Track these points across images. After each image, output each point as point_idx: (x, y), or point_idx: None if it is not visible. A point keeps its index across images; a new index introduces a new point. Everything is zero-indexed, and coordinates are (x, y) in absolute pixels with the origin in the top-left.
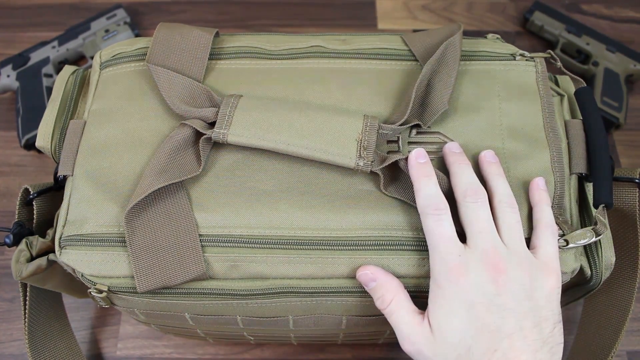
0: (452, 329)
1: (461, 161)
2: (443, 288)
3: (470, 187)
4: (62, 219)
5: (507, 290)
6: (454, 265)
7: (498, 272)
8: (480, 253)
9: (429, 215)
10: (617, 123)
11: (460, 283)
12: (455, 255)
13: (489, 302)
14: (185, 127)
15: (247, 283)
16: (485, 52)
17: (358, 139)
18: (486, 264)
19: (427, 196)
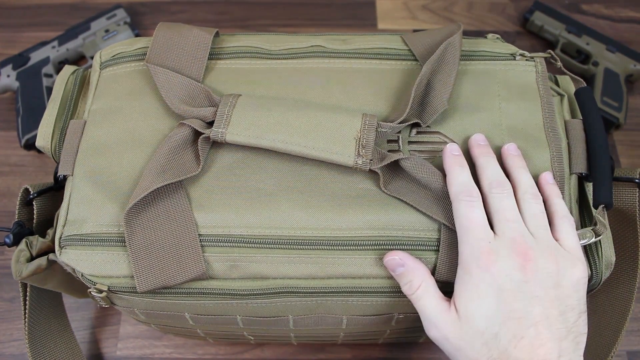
0: (480, 315)
1: (487, 153)
2: (472, 274)
3: (496, 179)
4: (62, 219)
5: (535, 277)
6: (485, 251)
7: (526, 259)
8: (508, 241)
9: (462, 201)
10: (617, 123)
11: (490, 269)
12: (485, 242)
13: (517, 289)
14: (184, 127)
15: (247, 283)
16: (485, 52)
17: (357, 137)
18: (515, 251)
19: (461, 183)
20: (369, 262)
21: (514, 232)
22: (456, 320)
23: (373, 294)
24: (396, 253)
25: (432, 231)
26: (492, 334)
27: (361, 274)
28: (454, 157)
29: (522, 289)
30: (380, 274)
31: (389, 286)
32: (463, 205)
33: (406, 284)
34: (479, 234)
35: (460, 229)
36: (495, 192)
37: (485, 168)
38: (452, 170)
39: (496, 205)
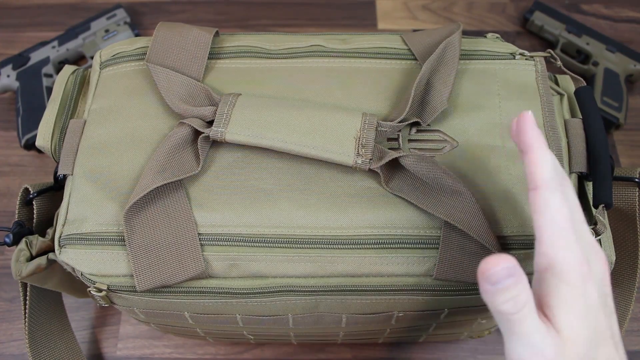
0: (584, 336)
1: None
2: (573, 285)
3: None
4: (62, 218)
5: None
6: (583, 259)
7: (590, 283)
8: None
9: (557, 191)
10: (617, 123)
11: (587, 281)
12: (581, 255)
13: (604, 304)
14: (184, 126)
15: (247, 282)
16: (485, 51)
17: (356, 136)
18: (599, 258)
19: (553, 168)
20: (368, 261)
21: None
22: (559, 343)
23: (373, 293)
24: (502, 260)
25: (433, 229)
26: (590, 359)
27: (361, 272)
28: (537, 130)
29: (606, 302)
30: (380, 272)
31: (388, 284)
32: (558, 197)
33: (509, 300)
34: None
35: (551, 226)
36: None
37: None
38: (537, 148)
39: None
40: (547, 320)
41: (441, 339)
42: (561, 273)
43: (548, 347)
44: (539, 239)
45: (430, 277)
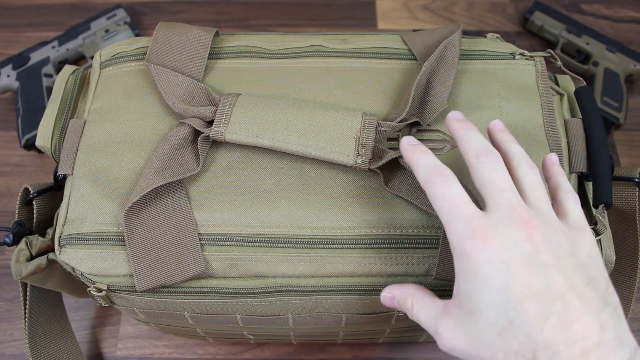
0: (486, 304)
1: (467, 126)
2: (469, 258)
3: (483, 147)
4: (62, 218)
5: (546, 247)
6: (479, 225)
7: (531, 227)
8: (506, 211)
9: (435, 183)
10: (617, 123)
11: (490, 244)
12: (476, 218)
13: (528, 261)
14: (184, 126)
15: (247, 282)
16: (485, 51)
17: (356, 136)
18: (516, 221)
19: (427, 167)
20: (368, 261)
21: (511, 201)
22: (459, 319)
23: (373, 293)
24: (384, 291)
25: (432, 228)
26: (506, 322)
27: (360, 272)
28: (412, 147)
29: (534, 260)
30: (380, 272)
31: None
32: (437, 187)
33: (405, 311)
34: (464, 210)
35: (442, 213)
36: (484, 161)
37: (468, 138)
38: (414, 158)
39: (486, 176)
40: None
41: None
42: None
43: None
44: None
45: (431, 277)
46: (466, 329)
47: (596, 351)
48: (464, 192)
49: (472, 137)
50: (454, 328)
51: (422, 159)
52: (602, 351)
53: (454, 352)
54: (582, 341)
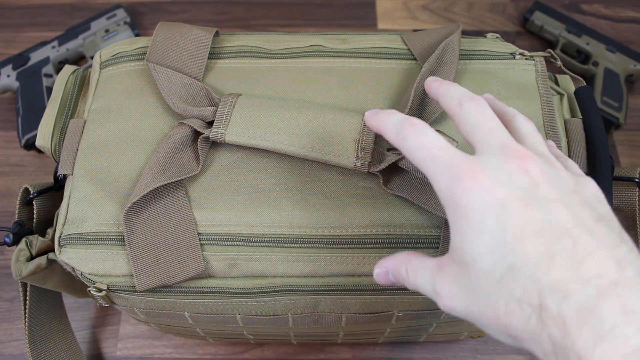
0: (480, 251)
1: (446, 82)
2: (459, 203)
3: (466, 94)
4: (62, 218)
5: (545, 180)
6: (465, 164)
7: (527, 159)
8: (498, 148)
9: (407, 136)
10: (617, 123)
11: (480, 182)
12: (460, 157)
13: (526, 196)
14: (184, 127)
15: (247, 281)
16: (484, 51)
17: (356, 139)
18: (509, 156)
19: (395, 122)
20: (368, 261)
21: (502, 139)
22: (455, 274)
23: (373, 292)
24: (375, 268)
25: (433, 228)
26: (505, 267)
27: (360, 272)
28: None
29: (532, 194)
30: None
31: None
32: (409, 138)
33: (402, 281)
34: (445, 153)
35: (422, 164)
36: (468, 105)
37: (448, 91)
38: (378, 122)
39: (472, 119)
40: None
41: (441, 339)
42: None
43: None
44: None
45: None
46: (462, 283)
47: (614, 290)
48: (441, 137)
49: (453, 88)
50: (450, 284)
51: (388, 118)
52: (621, 290)
53: (455, 312)
54: (596, 279)
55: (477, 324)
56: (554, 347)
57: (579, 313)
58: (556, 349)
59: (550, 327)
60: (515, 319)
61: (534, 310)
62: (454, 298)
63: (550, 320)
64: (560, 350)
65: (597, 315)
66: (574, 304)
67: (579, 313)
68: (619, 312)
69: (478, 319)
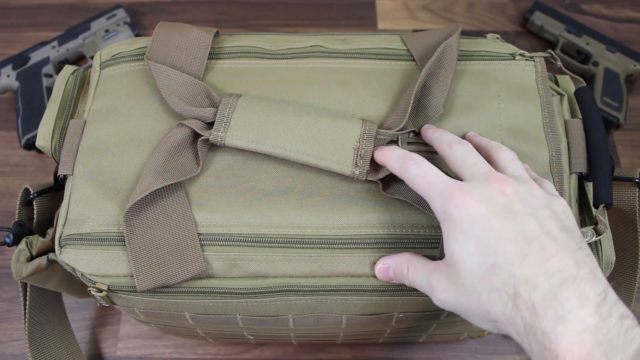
0: (468, 253)
1: (440, 129)
2: (452, 218)
3: (454, 139)
4: (62, 218)
5: (519, 199)
6: (456, 188)
7: (504, 183)
8: (481, 176)
9: (408, 167)
10: (617, 123)
11: (468, 202)
12: (452, 184)
13: (503, 211)
14: (183, 128)
15: (247, 282)
16: (484, 52)
17: (355, 147)
18: (490, 182)
19: (398, 157)
20: (368, 261)
21: (484, 169)
22: (447, 274)
23: (373, 293)
24: (378, 263)
25: (432, 228)
26: (487, 265)
27: (361, 272)
28: (380, 150)
29: (508, 209)
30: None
31: (388, 285)
32: (410, 169)
33: (402, 278)
34: (439, 179)
35: (421, 190)
36: (456, 147)
37: (440, 136)
38: (383, 156)
39: (459, 157)
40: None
41: (441, 339)
42: (439, 217)
43: (435, 282)
44: None
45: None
46: (453, 280)
47: (573, 282)
48: (436, 168)
49: (445, 134)
50: (443, 281)
51: (391, 154)
52: (578, 282)
53: (446, 305)
54: (559, 273)
55: (464, 313)
56: (525, 327)
57: (544, 299)
58: (527, 328)
59: (522, 310)
60: (496, 305)
61: (510, 298)
62: (446, 292)
63: (522, 305)
64: (530, 329)
65: (559, 300)
66: (541, 292)
67: (544, 299)
68: (576, 298)
69: (465, 308)
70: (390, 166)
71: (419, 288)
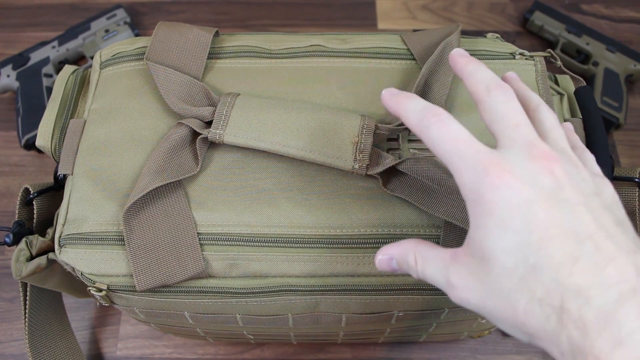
0: (502, 248)
1: (475, 61)
2: (484, 199)
3: (494, 80)
4: (62, 218)
5: (570, 183)
6: (491, 161)
7: (552, 160)
8: (522, 145)
9: (430, 125)
10: (617, 123)
11: (507, 180)
12: (486, 154)
13: (552, 197)
14: (182, 127)
15: (247, 281)
16: (484, 51)
17: (354, 141)
18: (534, 155)
19: (417, 109)
20: (368, 260)
21: (528, 136)
22: (473, 269)
23: (372, 292)
24: (378, 254)
25: (432, 228)
26: (528, 267)
27: (360, 272)
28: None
29: (558, 196)
30: (380, 271)
31: (388, 284)
32: (433, 128)
33: (408, 269)
34: (471, 147)
35: (446, 157)
36: (495, 93)
37: (476, 72)
38: (399, 106)
39: (499, 110)
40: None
41: (441, 339)
42: (466, 196)
43: (454, 278)
44: None
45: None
46: (480, 278)
47: (634, 296)
48: (466, 129)
49: (482, 70)
50: (466, 278)
51: (410, 104)
52: (639, 297)
53: (469, 304)
54: (617, 285)
55: (489, 316)
56: (571, 348)
57: (598, 317)
58: (574, 350)
59: (570, 328)
60: (535, 317)
61: (554, 311)
62: (469, 290)
63: (570, 322)
64: (579, 352)
65: (617, 320)
66: (594, 308)
67: (598, 317)
68: (637, 318)
69: (492, 312)
70: (407, 119)
71: (432, 282)
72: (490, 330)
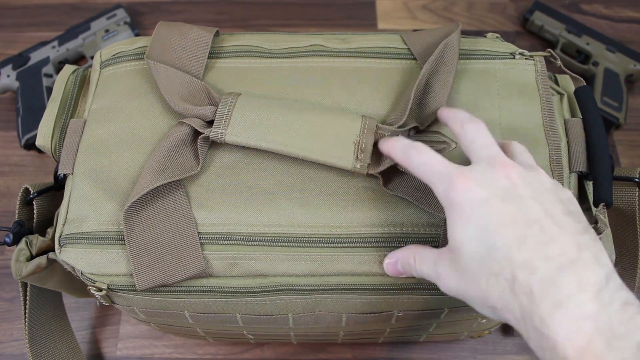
0: (468, 237)
1: (455, 108)
2: (453, 202)
3: (467, 118)
4: (62, 218)
5: (523, 183)
6: (458, 173)
7: (509, 167)
8: (486, 159)
9: (411, 155)
10: (617, 123)
11: (469, 186)
12: (454, 168)
13: (505, 194)
14: (183, 126)
15: (247, 281)
16: (484, 51)
17: (355, 141)
18: (495, 165)
19: (401, 146)
20: (368, 260)
21: (492, 152)
22: (451, 259)
23: (373, 292)
24: (386, 259)
25: (433, 227)
26: (487, 249)
27: (361, 271)
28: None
29: (511, 192)
30: (380, 271)
31: (388, 284)
32: (413, 157)
33: (410, 269)
34: (442, 166)
35: (425, 177)
36: (468, 126)
37: (454, 115)
38: (387, 146)
39: (469, 136)
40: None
41: (441, 339)
42: (442, 204)
43: (440, 269)
44: None
45: None
46: (455, 266)
47: (572, 267)
48: (439, 155)
49: (459, 112)
50: (448, 268)
51: (395, 143)
52: (578, 267)
53: (451, 291)
54: (558, 258)
55: (466, 299)
56: (522, 314)
57: (542, 284)
58: (524, 315)
59: (519, 295)
60: (494, 290)
61: (508, 283)
62: (450, 278)
63: (520, 290)
64: (528, 316)
65: (557, 285)
66: (539, 276)
67: (542, 284)
68: (575, 284)
69: (467, 294)
70: (395, 156)
71: (427, 277)
72: (490, 330)
